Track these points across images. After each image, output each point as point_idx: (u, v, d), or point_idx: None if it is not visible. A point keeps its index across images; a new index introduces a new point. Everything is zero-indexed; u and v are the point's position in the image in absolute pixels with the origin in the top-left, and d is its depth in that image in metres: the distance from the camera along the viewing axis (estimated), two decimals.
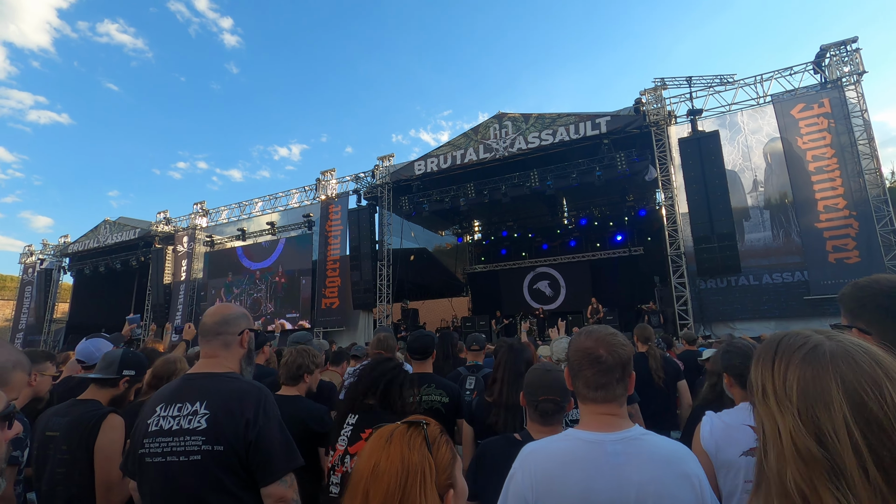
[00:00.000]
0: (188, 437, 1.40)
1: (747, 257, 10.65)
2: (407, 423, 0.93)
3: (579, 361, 1.27)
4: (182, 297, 18.59)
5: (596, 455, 1.17)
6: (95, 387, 2.12)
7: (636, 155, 11.93)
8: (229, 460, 1.40)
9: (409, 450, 0.87)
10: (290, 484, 1.46)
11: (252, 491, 1.44)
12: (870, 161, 9.95)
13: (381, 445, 0.89)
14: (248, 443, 1.41)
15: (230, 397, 1.47)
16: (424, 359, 2.84)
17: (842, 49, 10.57)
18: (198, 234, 19.20)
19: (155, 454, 1.42)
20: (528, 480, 1.21)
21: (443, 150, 14.03)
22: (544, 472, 1.19)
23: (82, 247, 21.32)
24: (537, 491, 1.18)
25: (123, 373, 2.16)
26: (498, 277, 18.74)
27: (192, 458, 1.39)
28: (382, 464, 0.85)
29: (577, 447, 1.20)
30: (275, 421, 1.48)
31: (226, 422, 1.41)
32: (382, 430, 0.93)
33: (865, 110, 10.16)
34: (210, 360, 1.59)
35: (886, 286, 1.18)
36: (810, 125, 10.52)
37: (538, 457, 1.24)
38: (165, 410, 1.47)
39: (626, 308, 13.93)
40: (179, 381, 1.57)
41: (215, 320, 1.62)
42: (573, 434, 1.25)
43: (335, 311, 15.39)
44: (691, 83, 11.81)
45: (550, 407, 1.72)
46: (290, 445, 1.50)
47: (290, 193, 17.86)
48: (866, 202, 9.80)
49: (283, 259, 16.90)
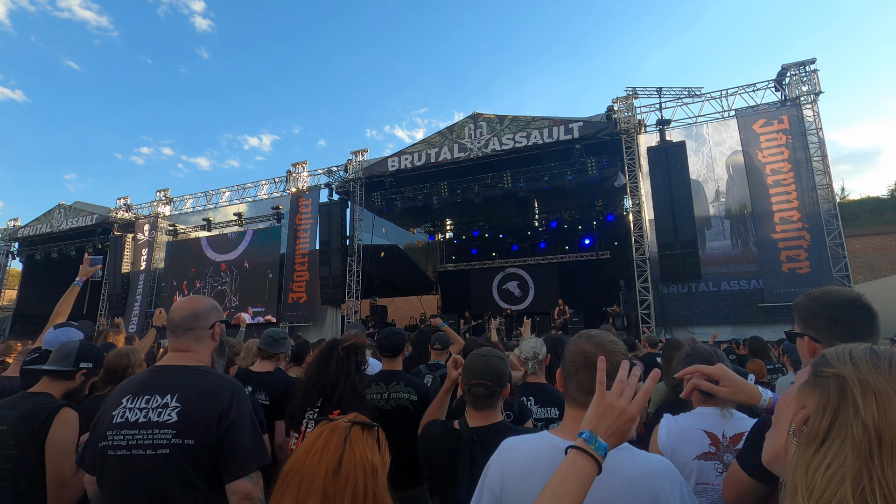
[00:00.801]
0: (157, 430, 1.36)
1: (707, 264, 11.06)
2: (360, 424, 0.94)
3: (576, 364, 1.25)
4: (141, 288, 17.91)
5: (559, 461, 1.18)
6: (49, 379, 2.01)
7: (606, 161, 12.21)
8: (198, 455, 1.37)
9: (371, 453, 0.90)
10: (257, 482, 1.44)
11: (218, 488, 1.41)
12: (822, 177, 10.50)
13: (339, 444, 0.90)
14: (219, 436, 1.39)
15: (203, 391, 1.44)
16: (395, 356, 2.83)
17: (801, 69, 11.11)
18: (160, 222, 18.51)
19: (119, 447, 1.38)
20: (498, 475, 1.22)
21: (417, 148, 13.99)
22: (512, 471, 1.20)
23: (33, 231, 20.22)
24: (504, 487, 1.19)
25: (80, 365, 2.05)
26: (468, 277, 18.84)
27: (159, 451, 1.35)
28: (347, 465, 0.87)
29: (545, 451, 1.19)
30: (247, 415, 1.46)
31: (198, 415, 1.38)
32: (335, 428, 0.93)
33: (821, 129, 10.72)
34: (181, 353, 1.55)
35: (837, 298, 1.25)
36: (770, 140, 11.03)
37: (510, 454, 1.24)
38: (132, 402, 1.42)
39: (592, 310, 14.24)
40: (148, 373, 1.52)
41: (184, 315, 1.57)
42: (547, 436, 1.24)
43: (302, 306, 15.14)
44: (661, 94, 12.18)
45: (481, 391, 1.72)
46: (260, 442, 1.48)
47: (260, 184, 17.45)
48: (818, 216, 10.34)
49: (250, 251, 16.48)
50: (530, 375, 2.58)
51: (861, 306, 1.22)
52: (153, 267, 18.04)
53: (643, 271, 11.54)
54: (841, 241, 10.21)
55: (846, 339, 1.19)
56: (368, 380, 2.82)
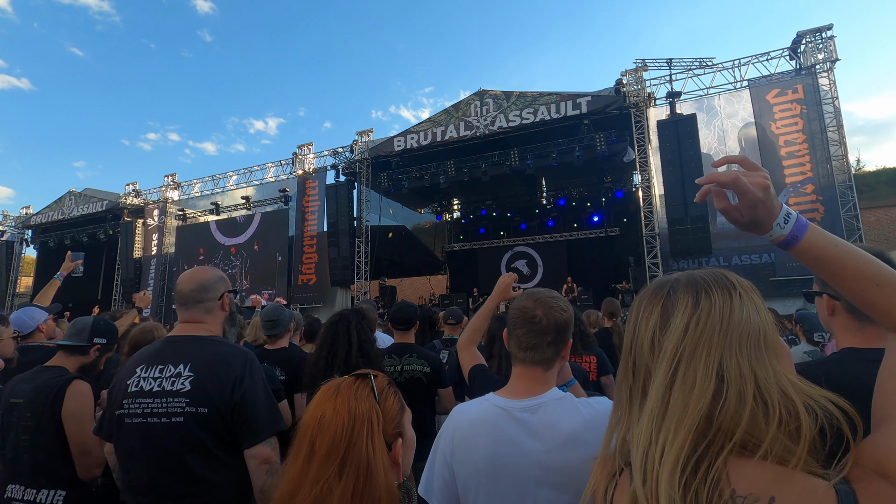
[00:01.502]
0: (171, 399, 1.39)
1: (718, 239, 10.94)
2: (354, 375, 0.94)
3: (514, 320, 1.25)
4: (153, 272, 18.13)
5: (504, 422, 1.17)
6: (63, 354, 2.06)
7: (615, 136, 12.00)
8: (213, 422, 1.39)
9: (356, 400, 0.88)
10: (274, 447, 1.46)
11: (235, 453, 1.43)
12: (838, 148, 10.25)
13: (328, 397, 0.89)
14: (234, 404, 1.40)
15: (216, 360, 1.45)
16: (407, 329, 2.85)
17: (817, 36, 10.76)
18: (169, 207, 18.61)
19: (135, 415, 1.40)
20: (447, 440, 1.23)
21: (423, 127, 13.85)
22: (459, 434, 1.21)
23: (46, 219, 20.45)
24: (454, 452, 1.20)
25: (94, 341, 2.09)
26: (476, 256, 18.83)
27: (174, 419, 1.38)
28: (328, 414, 0.86)
29: (488, 412, 1.20)
30: (260, 384, 1.48)
31: (211, 384, 1.40)
32: (330, 384, 0.93)
33: (836, 98, 10.42)
34: (193, 324, 1.56)
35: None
36: (784, 110, 10.76)
37: (457, 418, 1.26)
38: (146, 372, 1.44)
39: (602, 287, 14.20)
40: (161, 344, 1.54)
41: (192, 287, 1.57)
42: (490, 398, 1.25)
43: (312, 288, 15.26)
44: (671, 65, 11.88)
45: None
46: (275, 408, 1.50)
47: (266, 167, 17.43)
48: (833, 188, 10.14)
49: (259, 234, 16.57)
50: None
51: (885, 260, 1.19)
52: (164, 252, 18.22)
53: (653, 247, 11.45)
54: (856, 213, 10.03)
55: None
56: (382, 353, 2.85)
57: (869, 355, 1.16)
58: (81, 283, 20.89)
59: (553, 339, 1.21)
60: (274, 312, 2.97)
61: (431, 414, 2.80)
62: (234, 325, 1.67)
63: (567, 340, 1.26)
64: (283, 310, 3.02)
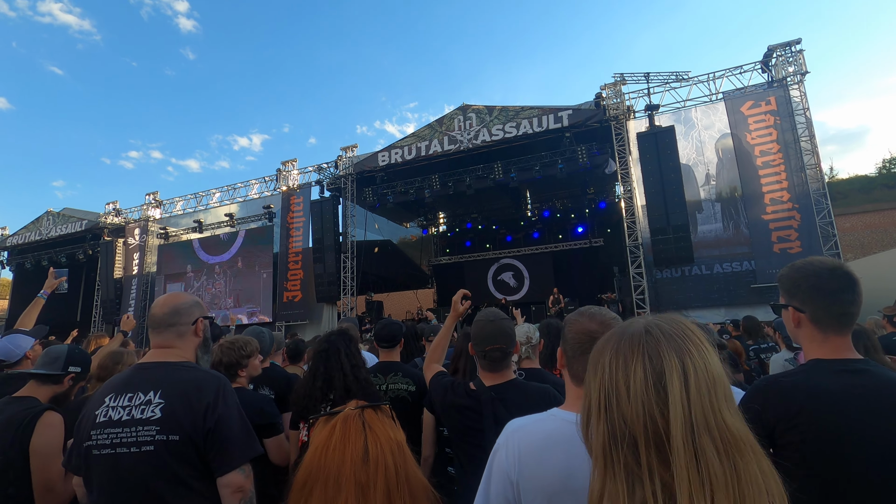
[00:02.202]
0: (141, 428, 1.35)
1: (700, 248, 11.13)
2: (371, 406, 0.92)
3: (582, 344, 1.23)
4: (134, 292, 17.77)
5: (578, 437, 1.17)
6: (35, 383, 1.99)
7: (596, 148, 12.21)
8: (185, 450, 1.35)
9: (392, 430, 0.89)
10: (248, 474, 1.43)
11: (208, 483, 1.39)
12: (811, 157, 10.56)
13: (355, 434, 0.87)
14: (207, 430, 1.37)
15: (187, 386, 1.42)
16: (392, 347, 2.82)
17: (787, 50, 11.14)
18: (150, 226, 18.34)
19: (103, 446, 1.36)
20: (511, 458, 1.19)
21: (407, 142, 13.93)
22: (528, 451, 1.18)
23: (22, 239, 19.98)
24: (520, 469, 1.17)
25: (69, 369, 2.03)
26: (463, 269, 18.85)
27: (143, 448, 1.34)
28: (372, 450, 0.85)
29: (561, 427, 1.18)
30: (234, 409, 1.44)
31: (182, 411, 1.37)
32: (347, 419, 0.91)
33: (808, 109, 10.76)
34: (164, 350, 1.53)
35: (819, 267, 1.27)
36: (758, 122, 11.07)
37: (522, 435, 1.22)
38: (115, 401, 1.40)
39: (587, 298, 14.28)
40: (131, 371, 1.50)
41: (165, 311, 1.54)
42: (559, 414, 1.23)
43: (298, 305, 15.10)
44: (649, 79, 12.17)
45: (497, 355, 1.81)
46: (250, 434, 1.47)
47: (250, 184, 17.31)
48: (808, 196, 10.41)
49: (243, 252, 16.39)
50: (524, 360, 2.59)
51: (842, 274, 1.23)
52: (145, 271, 17.90)
53: (636, 257, 11.59)
54: (830, 219, 10.29)
55: (830, 307, 1.23)
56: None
57: (834, 366, 1.19)
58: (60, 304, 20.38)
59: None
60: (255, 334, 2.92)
61: (417, 433, 2.77)
62: (208, 352, 1.64)
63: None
64: (265, 331, 2.98)
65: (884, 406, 1.11)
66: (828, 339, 1.23)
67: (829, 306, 1.22)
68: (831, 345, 1.23)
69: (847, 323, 1.23)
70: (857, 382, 1.15)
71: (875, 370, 1.18)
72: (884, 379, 1.16)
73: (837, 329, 1.22)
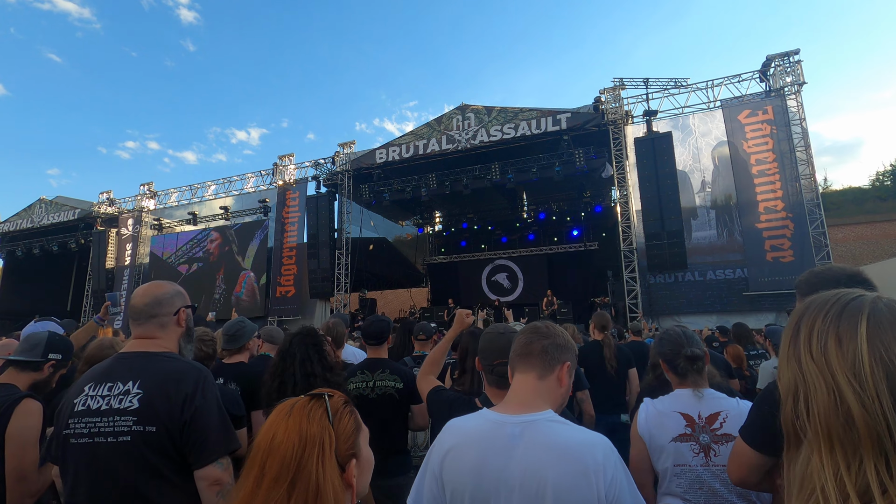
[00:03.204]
0: (118, 418, 1.33)
1: (693, 254, 11.18)
2: (310, 395, 0.92)
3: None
4: (126, 283, 17.65)
5: (494, 435, 1.18)
6: (15, 370, 1.95)
7: (594, 152, 12.24)
8: (161, 442, 1.33)
9: (308, 421, 0.86)
10: (227, 467, 1.40)
11: (185, 474, 1.37)
12: (806, 167, 10.63)
13: (280, 418, 0.88)
14: (184, 423, 1.35)
15: (166, 377, 1.39)
16: (379, 344, 2.80)
17: (785, 60, 11.21)
18: (144, 216, 18.22)
19: (81, 435, 1.34)
20: (438, 454, 1.25)
21: (405, 140, 13.91)
22: (450, 447, 1.23)
23: (13, 227, 19.80)
24: (443, 464, 1.22)
25: (49, 356, 2.00)
26: (457, 269, 18.83)
27: (120, 439, 1.32)
28: (279, 435, 0.85)
29: (481, 426, 1.23)
30: (213, 402, 1.42)
31: (159, 402, 1.35)
32: (285, 404, 0.91)
33: (804, 119, 10.84)
34: (145, 340, 1.50)
35: (839, 273, 1.29)
36: (755, 130, 11.13)
37: (449, 432, 1.28)
38: (94, 390, 1.38)
39: (580, 301, 14.34)
40: (111, 361, 1.47)
41: (146, 301, 1.51)
42: (484, 413, 1.28)
43: (290, 300, 15.04)
44: (648, 85, 12.22)
45: (506, 370, 1.73)
46: (228, 427, 1.44)
47: (246, 177, 17.24)
48: (801, 205, 10.49)
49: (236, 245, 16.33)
50: None
51: (861, 281, 1.26)
52: (138, 262, 17.79)
53: (630, 261, 11.63)
54: (823, 230, 10.37)
55: None
56: (353, 368, 2.80)
57: None
58: (48, 294, 20.23)
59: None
60: (233, 326, 2.88)
61: (404, 431, 2.75)
62: (191, 342, 1.62)
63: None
64: (245, 323, 2.94)
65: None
66: None
67: None
68: None
69: None
70: None
71: None
72: None
73: None
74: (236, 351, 2.86)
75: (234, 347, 2.84)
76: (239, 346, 2.86)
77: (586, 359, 3.88)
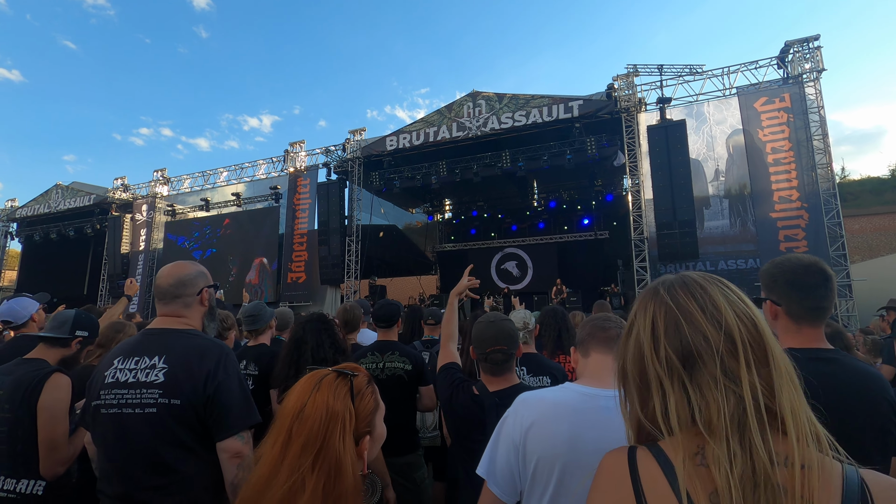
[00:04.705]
0: (145, 390, 1.40)
1: (705, 244, 11.09)
2: (336, 371, 0.98)
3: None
4: (141, 268, 17.95)
5: (588, 406, 1.21)
6: (45, 346, 2.06)
7: (606, 140, 12.11)
8: (186, 414, 1.41)
9: (334, 398, 0.93)
10: (247, 441, 1.47)
11: (208, 447, 1.45)
12: (823, 156, 10.43)
13: (309, 390, 0.95)
14: (207, 397, 1.42)
15: (190, 353, 1.47)
16: (389, 327, 2.87)
17: (804, 46, 10.95)
18: (158, 202, 18.45)
19: (111, 405, 1.42)
20: (519, 425, 1.25)
21: (415, 127, 13.87)
22: (536, 417, 1.24)
23: (31, 212, 20.17)
24: (526, 435, 1.23)
25: (76, 333, 2.10)
26: (467, 257, 18.86)
27: (147, 410, 1.39)
28: (308, 408, 0.92)
29: (571, 397, 1.26)
30: (235, 378, 1.49)
31: (184, 377, 1.42)
32: (313, 375, 0.98)
33: (822, 107, 10.61)
34: (171, 318, 1.58)
35: (796, 264, 1.34)
36: (771, 118, 10.93)
37: (531, 402, 1.28)
38: (123, 363, 1.46)
39: (590, 290, 14.31)
40: (139, 336, 1.56)
41: (171, 282, 1.58)
42: (570, 386, 1.31)
43: (301, 286, 15.22)
44: (662, 71, 12.01)
45: (499, 357, 1.75)
46: (249, 402, 1.51)
47: (257, 164, 17.34)
48: (817, 195, 10.32)
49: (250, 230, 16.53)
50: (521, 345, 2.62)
51: (817, 271, 1.31)
52: (152, 247, 18.06)
53: (641, 251, 11.57)
54: (839, 220, 10.21)
55: (803, 301, 1.30)
56: (364, 350, 2.87)
57: (805, 354, 1.27)
58: (65, 277, 20.65)
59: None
60: (255, 309, 2.96)
61: (412, 411, 2.83)
62: (214, 320, 1.69)
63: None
64: (263, 306, 3.02)
65: (848, 391, 1.18)
66: (801, 330, 1.31)
67: (803, 300, 1.30)
68: (804, 335, 1.31)
69: (819, 316, 1.31)
70: (825, 370, 1.22)
71: (843, 359, 1.26)
72: (850, 367, 1.23)
73: (811, 321, 1.31)
74: (258, 333, 2.95)
75: (255, 329, 2.93)
76: (260, 329, 2.95)
77: None
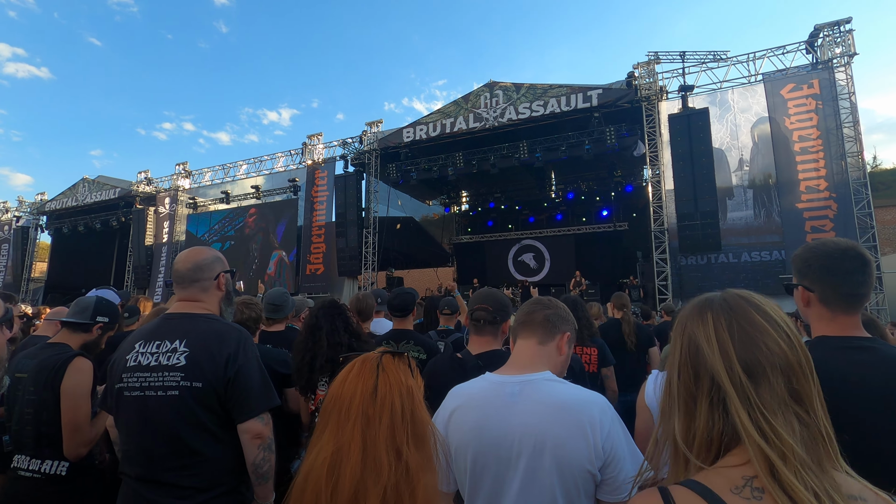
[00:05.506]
0: (167, 373, 1.43)
1: (728, 235, 10.83)
2: (390, 353, 1.00)
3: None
4: (164, 260, 18.37)
5: (494, 395, 1.24)
6: (67, 331, 2.13)
7: (626, 129, 11.88)
8: (207, 397, 1.43)
9: (405, 376, 0.96)
10: (267, 422, 1.50)
11: (228, 429, 1.47)
12: (853, 144, 10.06)
13: (368, 372, 0.95)
14: (227, 380, 1.44)
15: (210, 336, 1.49)
16: (405, 316, 2.88)
17: (835, 29, 10.53)
18: (180, 195, 18.82)
19: (133, 388, 1.45)
20: (443, 417, 1.30)
21: (432, 118, 13.82)
22: (453, 409, 1.29)
23: (60, 205, 20.79)
24: (447, 426, 1.28)
25: (97, 319, 2.17)
26: (484, 249, 18.82)
27: (169, 392, 1.42)
28: (382, 388, 0.92)
29: (483, 387, 1.29)
30: (254, 360, 1.52)
31: (205, 360, 1.44)
32: (366, 359, 0.98)
33: (853, 93, 10.21)
34: (189, 302, 1.61)
35: (832, 248, 1.25)
36: (799, 105, 10.57)
37: (455, 393, 1.34)
38: (144, 347, 1.49)
39: (609, 282, 14.16)
40: (159, 320, 1.59)
41: (188, 267, 1.61)
42: (486, 376, 1.33)
43: (320, 278, 15.39)
44: (684, 58, 11.71)
45: (482, 314, 1.80)
46: (268, 385, 1.54)
47: (276, 157, 17.53)
48: (846, 185, 9.97)
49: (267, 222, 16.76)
50: None
51: (854, 256, 1.22)
52: (175, 239, 18.45)
53: (661, 242, 11.36)
54: (870, 210, 9.85)
55: (838, 287, 1.22)
56: (379, 339, 2.89)
57: (838, 343, 1.19)
58: (93, 268, 21.27)
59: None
60: (279, 297, 3.00)
61: None
62: (231, 305, 1.72)
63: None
64: (288, 296, 3.06)
65: (885, 380, 1.10)
66: (836, 317, 1.23)
67: (838, 286, 1.22)
68: (838, 323, 1.23)
69: (855, 303, 1.22)
70: (860, 359, 1.14)
71: (881, 347, 1.17)
72: (888, 355, 1.15)
73: (846, 309, 1.22)
74: (277, 321, 2.99)
75: (277, 317, 2.96)
76: (281, 317, 2.99)
77: (605, 335, 3.89)
